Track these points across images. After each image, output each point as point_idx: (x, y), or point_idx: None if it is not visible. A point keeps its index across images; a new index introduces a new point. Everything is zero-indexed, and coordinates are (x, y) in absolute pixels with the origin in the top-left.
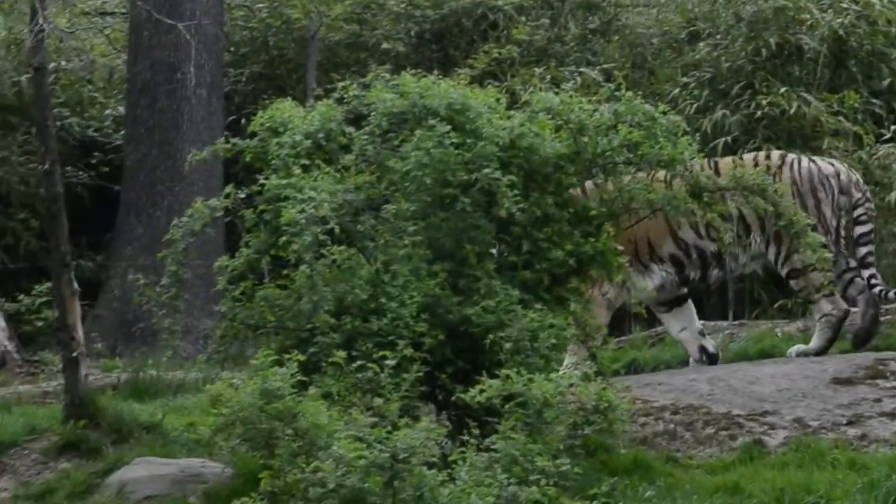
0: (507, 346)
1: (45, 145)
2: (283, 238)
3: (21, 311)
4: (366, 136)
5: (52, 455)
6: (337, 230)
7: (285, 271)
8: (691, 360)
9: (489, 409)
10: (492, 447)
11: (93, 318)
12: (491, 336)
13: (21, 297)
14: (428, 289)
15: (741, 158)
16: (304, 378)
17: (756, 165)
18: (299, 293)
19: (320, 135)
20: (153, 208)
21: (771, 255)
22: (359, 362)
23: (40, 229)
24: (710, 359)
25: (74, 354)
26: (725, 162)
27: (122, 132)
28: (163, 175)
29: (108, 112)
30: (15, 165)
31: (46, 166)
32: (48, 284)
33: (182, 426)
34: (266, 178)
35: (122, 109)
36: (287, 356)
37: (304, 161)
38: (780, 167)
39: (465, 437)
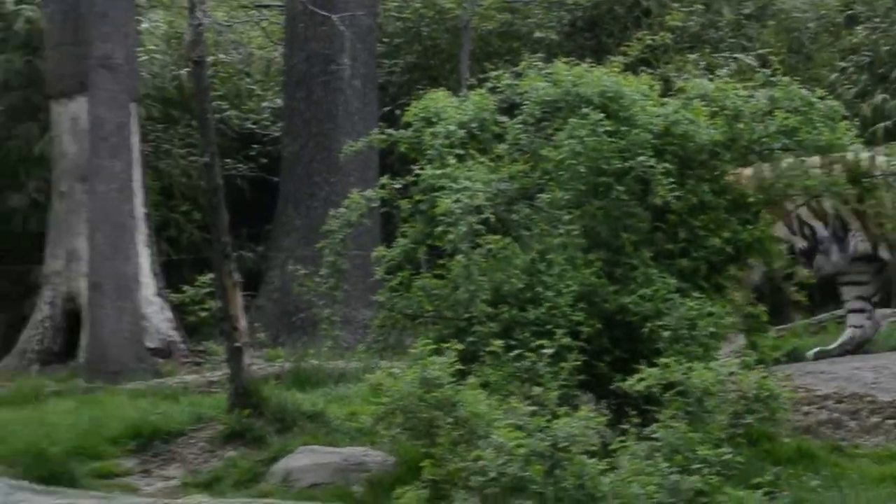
0: (666, 334)
1: (204, 138)
2: (439, 228)
3: (185, 302)
4: (519, 126)
5: (218, 443)
6: (492, 219)
7: (442, 261)
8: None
9: (648, 397)
10: (652, 436)
11: (255, 309)
12: (649, 325)
13: (185, 288)
14: (584, 277)
15: None
16: (462, 367)
17: None
18: (456, 283)
19: (474, 124)
20: (311, 199)
21: None
22: (516, 351)
23: (202, 221)
24: None
25: (238, 344)
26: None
27: (280, 124)
28: (319, 166)
29: (265, 104)
30: (177, 158)
31: (206, 159)
32: (211, 275)
33: (344, 415)
34: (421, 169)
35: (279, 101)
36: (445, 345)
37: (459, 151)
38: None
39: (625, 426)
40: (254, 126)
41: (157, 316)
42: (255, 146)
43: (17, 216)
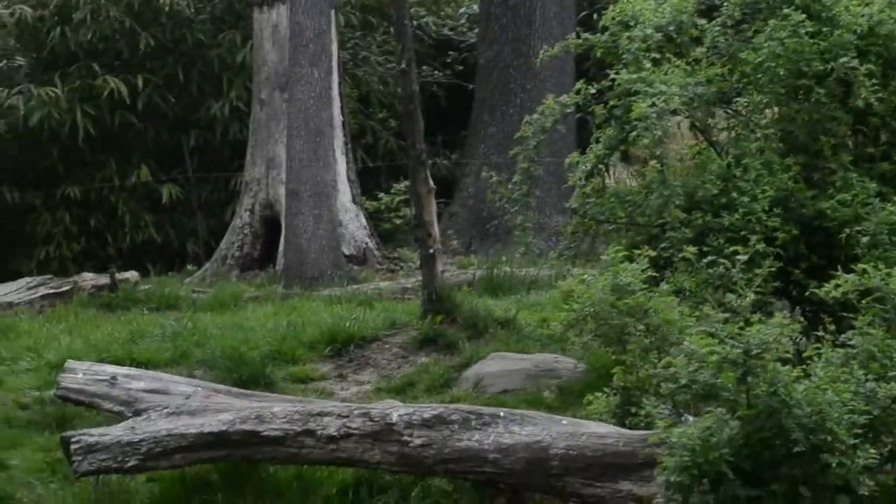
0: (864, 240)
1: (401, 44)
2: (634, 133)
3: (380, 210)
4: (718, 28)
5: (411, 349)
6: (687, 124)
7: (636, 167)
8: None
9: (845, 304)
10: (848, 343)
11: (448, 216)
12: (847, 230)
13: (380, 195)
14: (781, 183)
15: None
16: (654, 274)
17: None
18: (650, 188)
19: (671, 27)
20: (506, 106)
21: None
22: (710, 258)
23: (398, 128)
24: None
25: (431, 251)
26: None
27: (476, 30)
28: (515, 73)
29: (462, 10)
30: (374, 65)
31: (403, 65)
32: (405, 183)
33: (535, 322)
34: (616, 73)
35: (475, 7)
36: (637, 252)
37: (655, 55)
38: None
39: (820, 334)
40: (450, 32)
41: (353, 223)
42: (452, 52)
43: (219, 124)
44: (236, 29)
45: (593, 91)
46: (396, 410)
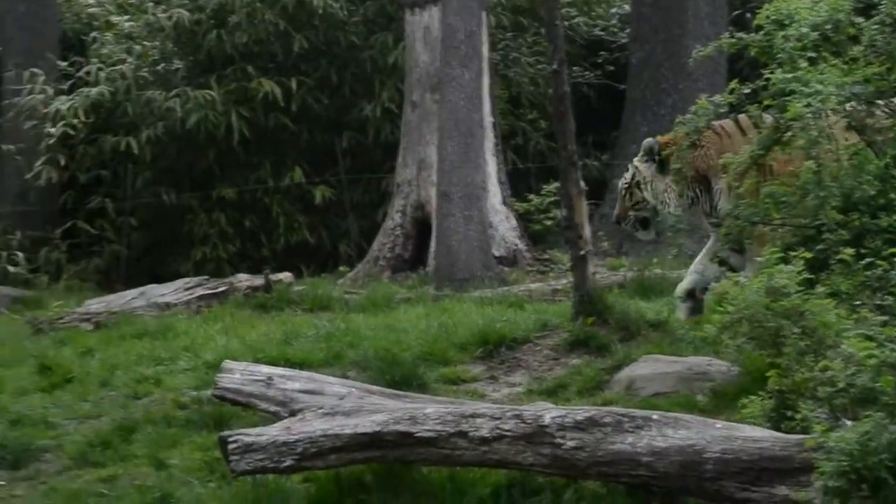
0: None
1: (553, 45)
2: (789, 133)
3: (530, 211)
4: (876, 26)
5: (562, 351)
6: (843, 124)
7: (791, 168)
8: None
9: None
10: None
11: (599, 218)
12: None
13: (530, 196)
14: None
15: None
16: (810, 276)
17: None
18: (805, 189)
19: (828, 26)
20: (658, 106)
21: None
22: (867, 260)
23: (548, 129)
24: None
25: (582, 253)
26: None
27: (628, 30)
28: (667, 73)
29: (613, 10)
30: (525, 66)
31: (554, 66)
32: (556, 184)
33: (688, 324)
34: (771, 73)
35: (627, 7)
36: (793, 254)
37: (811, 54)
38: None
39: None
40: (602, 32)
41: (503, 224)
42: (603, 53)
43: (371, 126)
44: (388, 31)
45: (747, 91)
46: (549, 412)
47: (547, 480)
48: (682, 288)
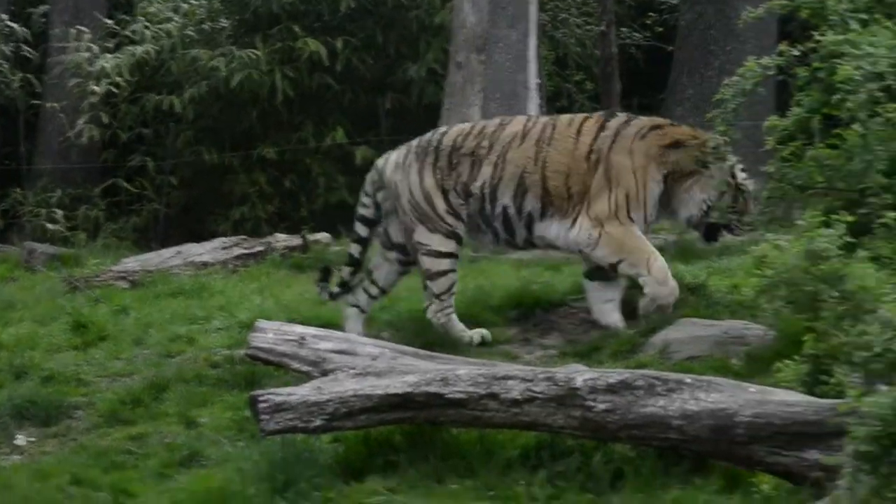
0: None
1: (602, 6)
2: (837, 96)
3: None
4: None
5: None
6: (894, 87)
7: (837, 130)
8: None
9: None
10: None
11: None
12: None
13: None
14: None
15: None
16: (852, 240)
17: None
18: (851, 153)
19: None
20: (705, 68)
21: None
22: None
23: (594, 91)
24: None
25: None
26: None
27: None
28: (716, 34)
29: None
30: (572, 27)
31: (603, 27)
32: None
33: (725, 288)
34: (822, 35)
35: None
36: (835, 217)
37: (863, 16)
38: None
39: None
40: None
41: None
42: (652, 14)
43: (415, 87)
44: None
45: (797, 53)
46: (581, 375)
47: (576, 443)
48: None
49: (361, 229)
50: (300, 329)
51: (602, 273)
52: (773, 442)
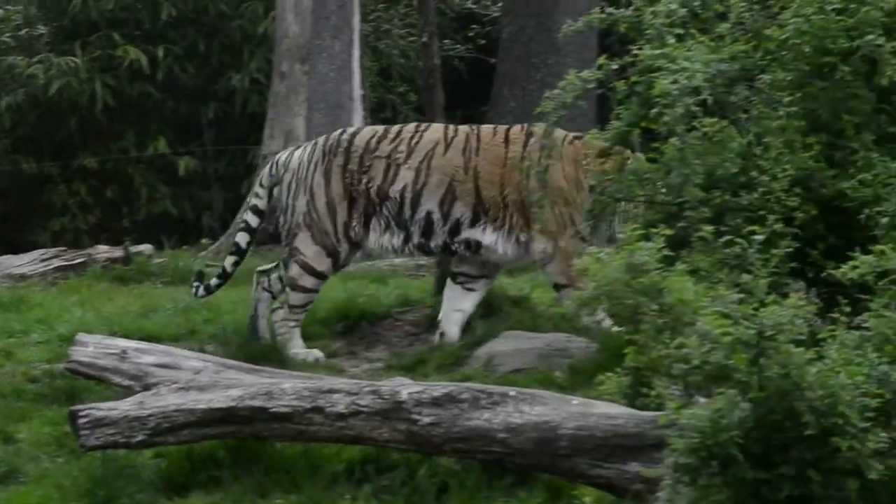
0: (884, 220)
1: (424, 17)
2: (655, 110)
3: None
4: (744, 4)
5: (423, 327)
6: (709, 101)
7: (655, 144)
8: None
9: (861, 286)
10: (863, 325)
11: None
12: (866, 210)
13: None
14: (801, 161)
15: None
16: (671, 253)
17: None
18: (669, 166)
19: (696, 3)
20: (527, 81)
21: None
22: (727, 237)
23: (418, 103)
24: None
25: None
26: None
27: (499, 4)
28: (538, 47)
29: None
30: (396, 38)
31: (425, 39)
32: None
33: (548, 301)
34: (639, 49)
35: None
36: (654, 230)
37: (679, 30)
38: None
39: (835, 315)
40: (474, 6)
41: None
42: (475, 26)
43: (238, 96)
44: (259, 0)
45: (615, 67)
46: (406, 388)
47: (402, 457)
48: None
49: (252, 219)
50: (122, 342)
51: (469, 280)
52: (596, 454)
